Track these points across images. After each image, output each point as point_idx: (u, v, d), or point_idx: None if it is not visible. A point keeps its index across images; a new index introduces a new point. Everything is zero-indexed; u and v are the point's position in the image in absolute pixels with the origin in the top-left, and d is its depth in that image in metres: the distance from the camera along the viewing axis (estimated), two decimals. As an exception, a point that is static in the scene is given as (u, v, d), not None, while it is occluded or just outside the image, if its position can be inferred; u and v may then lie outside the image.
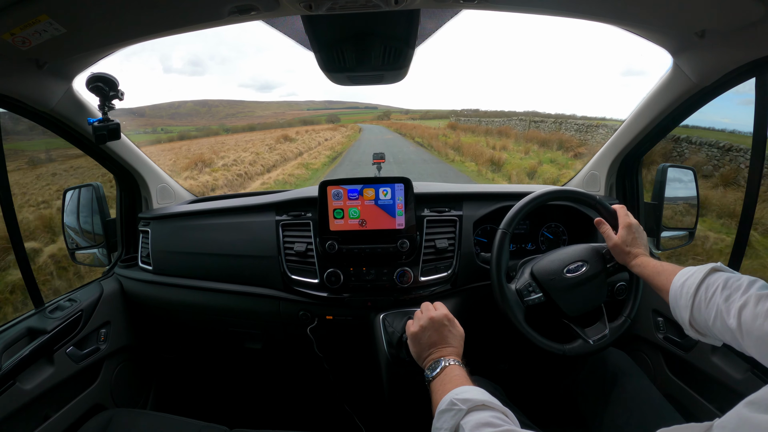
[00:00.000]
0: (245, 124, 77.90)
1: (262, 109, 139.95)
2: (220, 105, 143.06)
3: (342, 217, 1.18)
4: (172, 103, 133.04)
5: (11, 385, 0.95)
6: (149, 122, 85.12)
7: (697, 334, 0.74)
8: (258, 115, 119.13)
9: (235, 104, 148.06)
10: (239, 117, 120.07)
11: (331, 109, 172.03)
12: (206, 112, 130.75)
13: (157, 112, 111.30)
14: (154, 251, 1.37)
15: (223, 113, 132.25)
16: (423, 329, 0.81)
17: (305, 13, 0.82)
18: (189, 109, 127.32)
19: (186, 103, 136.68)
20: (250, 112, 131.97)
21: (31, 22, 0.75)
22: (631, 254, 0.92)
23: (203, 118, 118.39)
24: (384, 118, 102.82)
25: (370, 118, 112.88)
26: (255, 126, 62.87)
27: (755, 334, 0.59)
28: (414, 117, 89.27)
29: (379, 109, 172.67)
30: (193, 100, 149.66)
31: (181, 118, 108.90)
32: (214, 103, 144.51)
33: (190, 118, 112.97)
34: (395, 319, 1.13)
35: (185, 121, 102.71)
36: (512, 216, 1.03)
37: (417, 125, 47.52)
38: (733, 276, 0.69)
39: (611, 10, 0.86)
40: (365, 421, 1.36)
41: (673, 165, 1.32)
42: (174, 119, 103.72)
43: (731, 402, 0.45)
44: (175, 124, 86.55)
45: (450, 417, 0.60)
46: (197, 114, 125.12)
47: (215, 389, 1.72)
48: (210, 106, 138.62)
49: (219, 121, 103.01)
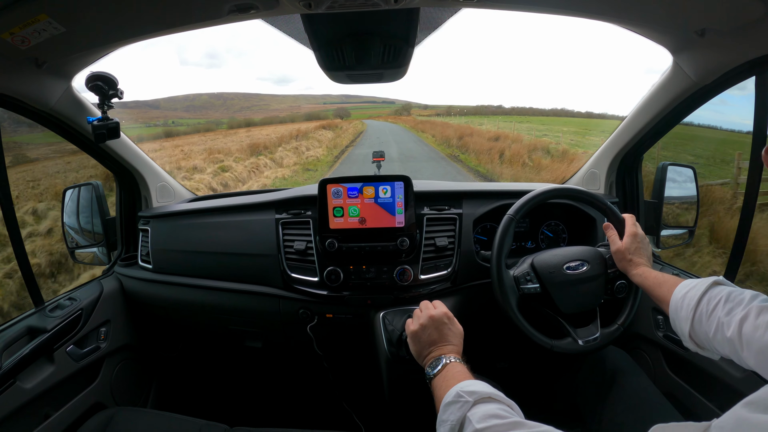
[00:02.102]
0: (261, 117, 77.06)
1: (277, 103, 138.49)
2: (235, 98, 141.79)
3: (342, 215, 1.18)
4: (188, 96, 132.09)
5: (11, 384, 0.95)
6: (162, 114, 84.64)
7: (696, 346, 0.75)
8: (273, 108, 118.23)
9: (251, 97, 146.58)
10: (254, 110, 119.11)
11: (348, 103, 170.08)
12: (221, 104, 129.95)
13: (171, 104, 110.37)
14: (153, 250, 1.37)
15: (238, 106, 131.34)
16: (423, 327, 0.81)
17: (305, 11, 0.81)
18: (204, 102, 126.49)
19: (201, 95, 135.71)
20: (265, 105, 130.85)
21: (30, 21, 0.75)
22: (633, 262, 0.93)
23: (218, 111, 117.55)
24: (403, 113, 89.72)
25: (387, 112, 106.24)
26: (255, 121, 61.77)
27: (755, 346, 0.59)
28: (439, 113, 77.31)
29: (396, 103, 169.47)
30: (209, 93, 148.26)
31: (196, 111, 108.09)
32: (229, 96, 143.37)
33: (205, 111, 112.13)
34: (395, 318, 1.13)
35: (199, 114, 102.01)
36: (522, 204, 1.03)
37: (446, 124, 35.06)
38: (735, 290, 0.69)
39: (611, 9, 0.86)
40: (364, 420, 1.36)
41: (673, 163, 1.32)
42: (188, 111, 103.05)
43: (731, 400, 0.45)
44: (189, 117, 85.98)
45: (456, 409, 0.60)
46: (212, 107, 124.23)
47: (215, 387, 1.72)
48: (225, 98, 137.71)
49: (231, 115, 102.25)
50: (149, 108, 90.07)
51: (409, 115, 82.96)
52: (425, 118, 62.05)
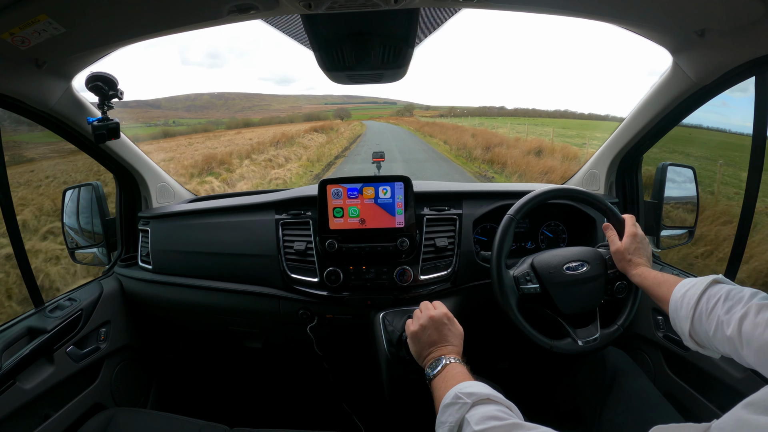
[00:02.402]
0: (260, 117, 76.61)
1: (278, 103, 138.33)
2: (236, 98, 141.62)
3: (342, 215, 1.18)
4: (189, 96, 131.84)
5: (11, 385, 0.95)
6: (163, 114, 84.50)
7: (696, 345, 0.75)
8: (274, 109, 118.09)
9: (252, 97, 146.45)
10: (255, 110, 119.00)
11: (349, 103, 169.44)
12: (222, 104, 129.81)
13: (173, 104, 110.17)
14: (153, 250, 1.37)
15: (239, 106, 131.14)
16: (423, 328, 0.81)
17: (304, 12, 0.81)
18: (205, 102, 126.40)
19: (202, 95, 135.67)
20: (266, 106, 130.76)
21: (30, 21, 0.75)
22: (633, 263, 0.93)
23: (219, 111, 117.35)
24: (405, 114, 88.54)
25: (389, 113, 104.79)
26: (254, 121, 61.21)
27: (755, 344, 0.59)
28: (443, 114, 75.11)
29: (398, 104, 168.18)
30: (210, 93, 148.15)
31: (197, 111, 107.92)
32: (230, 96, 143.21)
33: (206, 111, 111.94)
34: (395, 318, 1.13)
35: (200, 114, 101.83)
36: (522, 204, 1.03)
37: (459, 127, 29.21)
38: (735, 288, 0.69)
39: (611, 9, 0.86)
40: (364, 420, 1.36)
41: (672, 164, 1.32)
42: (189, 111, 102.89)
43: (731, 401, 0.45)
44: (189, 117, 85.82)
45: (455, 410, 0.60)
46: (213, 107, 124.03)
47: (215, 388, 1.72)
48: (227, 98, 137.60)
49: (231, 115, 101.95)
50: (150, 107, 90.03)
51: (411, 116, 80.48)
52: (429, 119, 59.39)
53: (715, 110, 9.20)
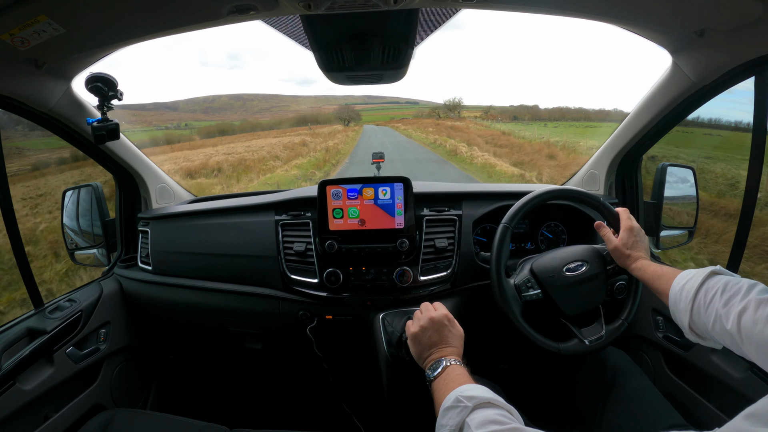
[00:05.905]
0: (269, 119, 75.39)
1: (297, 104, 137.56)
2: (255, 99, 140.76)
3: (341, 216, 1.18)
4: (207, 97, 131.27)
5: (11, 386, 0.95)
6: (178, 117, 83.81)
7: (697, 337, 0.74)
8: (292, 110, 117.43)
9: (271, 98, 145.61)
10: (273, 111, 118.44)
11: (370, 104, 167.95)
12: (240, 106, 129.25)
13: (191, 106, 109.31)
14: (153, 251, 1.37)
15: (257, 107, 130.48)
16: (423, 329, 0.81)
17: (304, 12, 0.81)
18: (223, 104, 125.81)
19: (221, 97, 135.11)
20: (285, 107, 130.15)
21: (30, 22, 0.75)
22: (632, 257, 0.92)
23: (236, 113, 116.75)
24: (433, 117, 66.39)
25: (412, 114, 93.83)
26: (263, 124, 58.44)
27: (755, 340, 0.59)
28: (477, 115, 63.52)
29: (420, 104, 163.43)
30: (228, 94, 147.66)
31: (214, 113, 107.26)
32: (249, 97, 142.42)
33: (224, 113, 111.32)
34: (395, 319, 1.13)
35: (217, 116, 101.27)
36: (515, 211, 1.03)
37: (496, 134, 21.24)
38: (732, 279, 0.68)
39: (611, 9, 0.86)
40: (364, 421, 1.36)
41: (672, 164, 1.32)
42: (207, 113, 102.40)
43: (731, 401, 0.45)
44: (206, 119, 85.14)
45: (456, 414, 0.60)
46: (231, 108, 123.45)
47: (215, 389, 1.72)
48: (245, 100, 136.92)
49: (244, 116, 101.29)
50: (167, 110, 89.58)
51: (439, 119, 57.75)
52: (470, 125, 41.64)
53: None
